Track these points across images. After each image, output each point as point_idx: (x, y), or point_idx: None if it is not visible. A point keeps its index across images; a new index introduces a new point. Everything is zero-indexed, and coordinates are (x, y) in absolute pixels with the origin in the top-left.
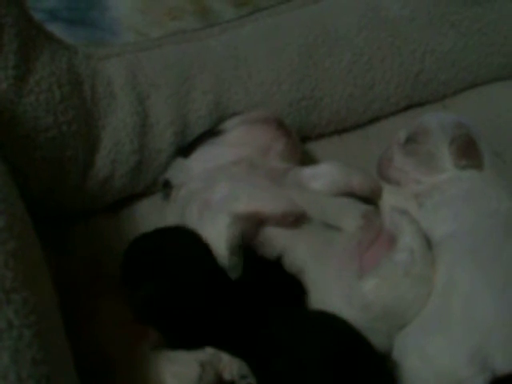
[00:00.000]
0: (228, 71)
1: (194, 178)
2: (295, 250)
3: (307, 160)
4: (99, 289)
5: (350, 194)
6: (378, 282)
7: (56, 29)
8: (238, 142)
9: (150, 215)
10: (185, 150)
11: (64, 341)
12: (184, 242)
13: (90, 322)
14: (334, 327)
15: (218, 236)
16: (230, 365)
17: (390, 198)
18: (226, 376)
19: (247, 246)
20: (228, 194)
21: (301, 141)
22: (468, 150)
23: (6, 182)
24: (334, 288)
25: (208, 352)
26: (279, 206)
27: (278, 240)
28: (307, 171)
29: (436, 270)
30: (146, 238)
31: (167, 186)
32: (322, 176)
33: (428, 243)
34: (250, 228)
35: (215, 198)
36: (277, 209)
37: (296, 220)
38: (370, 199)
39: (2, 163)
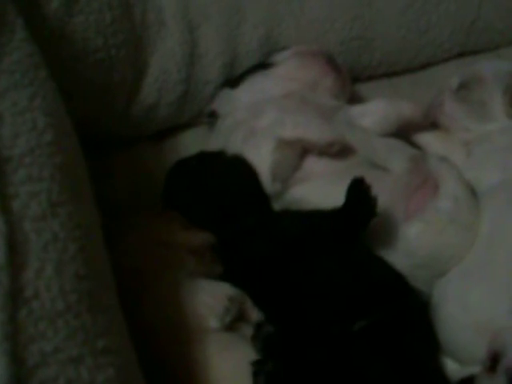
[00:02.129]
0: (281, 5)
1: (240, 108)
2: (337, 189)
3: (355, 101)
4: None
5: (401, 133)
6: (423, 228)
7: None
8: (288, 75)
9: (194, 146)
10: (233, 81)
11: (106, 259)
12: (228, 166)
13: (127, 241)
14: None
15: (262, 161)
16: (252, 308)
17: (438, 145)
18: (248, 316)
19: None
20: (274, 120)
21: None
22: None
23: (55, 98)
24: (379, 229)
25: (237, 290)
26: (325, 134)
27: (321, 175)
28: (357, 108)
29: (481, 219)
30: (189, 161)
31: (213, 116)
32: (372, 113)
33: (472, 191)
34: (294, 156)
35: (261, 125)
36: (323, 136)
37: (341, 151)
38: (416, 145)
39: (52, 80)
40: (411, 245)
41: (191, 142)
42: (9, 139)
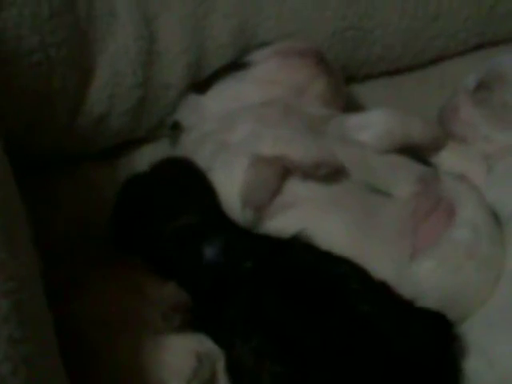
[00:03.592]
0: None
1: (209, 118)
2: (329, 217)
3: (351, 105)
4: (88, 252)
5: (405, 150)
6: (436, 265)
7: None
8: (269, 78)
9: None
10: (200, 85)
11: (48, 315)
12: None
13: (76, 296)
14: None
15: (232, 182)
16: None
17: (452, 159)
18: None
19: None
20: (250, 134)
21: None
22: None
23: None
24: (380, 269)
25: (209, 344)
26: (311, 152)
27: (306, 202)
28: (353, 119)
29: (507, 252)
30: (138, 182)
31: (176, 128)
32: (371, 125)
33: (495, 217)
34: (273, 178)
35: (234, 139)
36: (308, 155)
37: (331, 173)
38: (426, 161)
39: None
40: (421, 286)
41: (149, 160)
42: None
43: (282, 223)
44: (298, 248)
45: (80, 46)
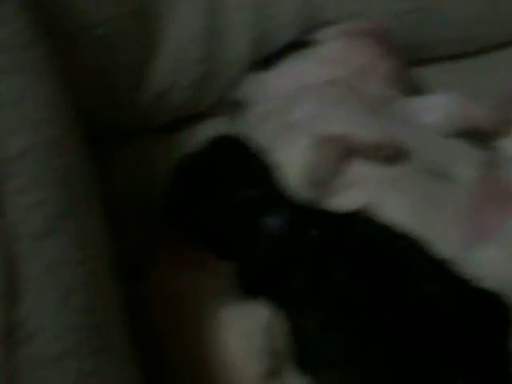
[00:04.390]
0: None
1: (272, 96)
2: (386, 200)
3: (414, 88)
4: (143, 227)
5: (466, 135)
6: (498, 252)
7: None
8: (333, 57)
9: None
10: (264, 62)
11: (117, 286)
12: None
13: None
14: None
15: (294, 162)
16: None
17: None
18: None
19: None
20: (314, 113)
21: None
22: None
23: (54, 86)
24: (442, 253)
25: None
26: (374, 133)
27: (367, 183)
28: (416, 101)
29: None
30: (195, 159)
31: (238, 105)
32: (434, 108)
33: None
34: (334, 158)
35: (297, 118)
36: (370, 135)
37: (393, 155)
38: (489, 146)
39: (51, 63)
40: (482, 273)
41: (210, 135)
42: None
43: (342, 203)
44: (362, 222)
45: (144, 20)
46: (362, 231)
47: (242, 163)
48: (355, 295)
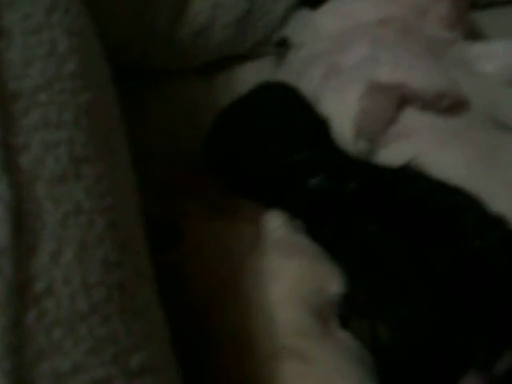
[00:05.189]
0: None
1: (322, 37)
2: (448, 149)
3: (473, 33)
4: (179, 173)
5: None
6: None
7: None
8: None
9: (254, 84)
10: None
11: (143, 239)
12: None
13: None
14: None
15: (345, 110)
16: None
17: None
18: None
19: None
20: (367, 56)
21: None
22: None
23: (81, 13)
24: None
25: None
26: (434, 82)
27: (424, 134)
28: (476, 48)
29: None
30: (238, 111)
31: (284, 45)
32: (495, 57)
33: None
34: (390, 107)
35: (348, 61)
36: (430, 84)
37: (453, 106)
38: None
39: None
40: None
41: (252, 78)
42: (18, 67)
43: (396, 153)
44: (409, 176)
45: None
46: (409, 186)
47: (291, 117)
48: (383, 247)
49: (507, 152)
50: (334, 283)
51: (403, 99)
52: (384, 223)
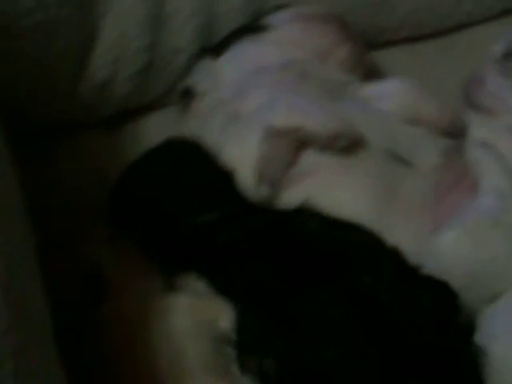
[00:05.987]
0: None
1: (224, 84)
2: (347, 184)
3: (372, 72)
4: (87, 227)
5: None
6: (460, 236)
7: None
8: (291, 40)
9: (159, 135)
10: (215, 48)
11: (42, 296)
12: (191, 168)
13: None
14: None
15: (245, 156)
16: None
17: (478, 133)
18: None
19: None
20: (264, 102)
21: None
22: None
23: None
24: (400, 243)
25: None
26: (329, 124)
27: (323, 173)
28: (370, 88)
29: None
30: (141, 164)
31: (188, 94)
32: (388, 96)
33: None
34: (288, 150)
35: (247, 108)
36: (326, 126)
37: (350, 145)
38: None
39: None
40: (445, 261)
41: (156, 130)
42: None
43: (297, 195)
44: (303, 216)
45: (83, 7)
46: (299, 226)
47: (193, 173)
48: (271, 286)
49: (404, 185)
50: (225, 320)
51: (301, 142)
52: (276, 263)
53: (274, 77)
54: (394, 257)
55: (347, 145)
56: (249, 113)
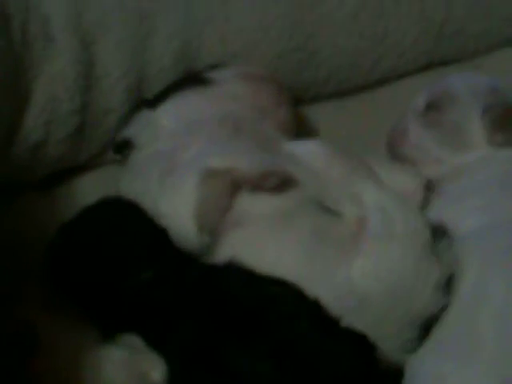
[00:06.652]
0: (199, 10)
1: (161, 135)
2: (277, 236)
3: (299, 127)
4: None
5: None
6: (363, 262)
7: None
8: (232, 96)
9: (94, 194)
10: (153, 100)
11: None
12: (124, 232)
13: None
14: None
15: (184, 203)
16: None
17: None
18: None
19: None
20: (198, 152)
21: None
22: (505, 123)
23: None
24: (325, 287)
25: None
26: (259, 163)
27: (258, 219)
28: (290, 147)
29: (461, 273)
30: (76, 224)
31: (126, 147)
32: (304, 156)
33: (403, 199)
34: (224, 193)
35: (184, 158)
36: (255, 165)
37: (280, 186)
38: None
39: None
40: (363, 291)
41: (91, 189)
42: None
43: (233, 242)
44: (228, 274)
45: (14, 71)
46: (226, 284)
47: (128, 233)
48: (199, 345)
49: (329, 233)
50: (157, 372)
51: (235, 184)
52: (203, 320)
53: (211, 129)
54: (314, 310)
55: (277, 184)
56: (185, 162)
